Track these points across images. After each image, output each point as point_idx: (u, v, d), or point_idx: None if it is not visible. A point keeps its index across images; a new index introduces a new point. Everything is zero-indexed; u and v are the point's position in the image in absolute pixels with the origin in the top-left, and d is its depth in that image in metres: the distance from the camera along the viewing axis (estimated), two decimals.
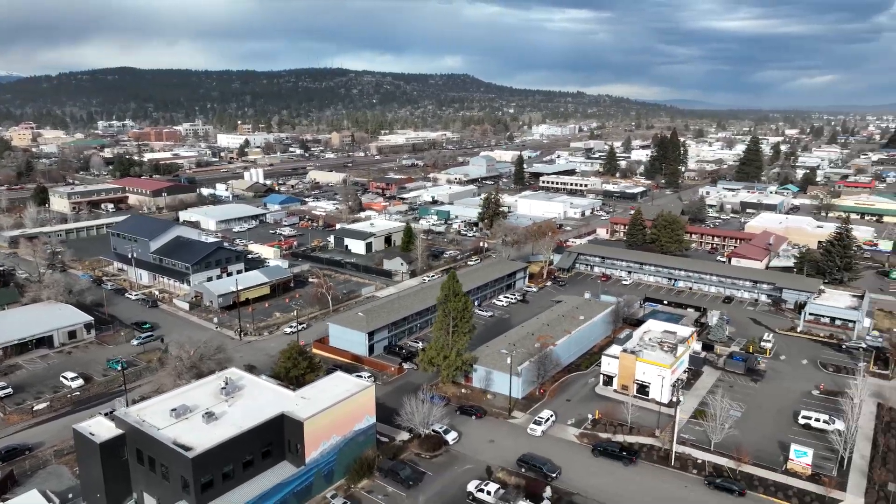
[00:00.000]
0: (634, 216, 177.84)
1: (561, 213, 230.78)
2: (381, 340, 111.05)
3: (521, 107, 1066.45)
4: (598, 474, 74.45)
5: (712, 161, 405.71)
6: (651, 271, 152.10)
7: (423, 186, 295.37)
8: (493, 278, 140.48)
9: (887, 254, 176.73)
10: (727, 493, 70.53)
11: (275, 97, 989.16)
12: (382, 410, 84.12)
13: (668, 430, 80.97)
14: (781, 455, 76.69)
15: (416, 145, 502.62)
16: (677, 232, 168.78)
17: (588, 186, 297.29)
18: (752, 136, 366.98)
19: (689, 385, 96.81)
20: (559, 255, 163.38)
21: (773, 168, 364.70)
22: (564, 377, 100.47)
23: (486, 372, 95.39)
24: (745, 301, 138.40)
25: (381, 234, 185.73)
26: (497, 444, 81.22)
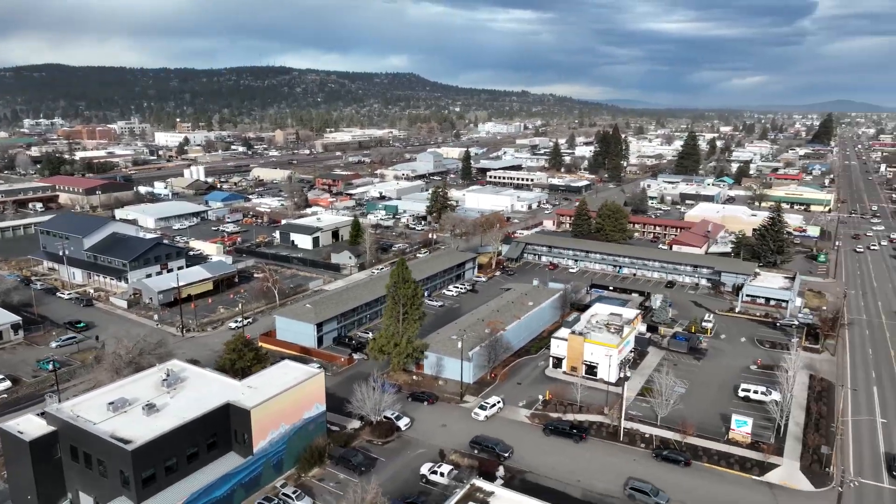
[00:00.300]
0: (580, 207, 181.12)
1: (508, 206, 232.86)
2: (330, 332, 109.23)
3: (466, 105, 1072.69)
4: (550, 452, 75.22)
5: (652, 156, 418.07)
6: (597, 259, 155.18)
7: (371, 182, 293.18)
8: (443, 269, 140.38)
9: (815, 239, 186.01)
10: (674, 463, 72.46)
11: (215, 95, 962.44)
12: (333, 400, 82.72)
13: (616, 408, 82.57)
14: (723, 426, 79.33)
15: (363, 143, 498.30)
16: (621, 221, 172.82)
17: (534, 181, 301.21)
18: (690, 132, 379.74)
19: (635, 365, 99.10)
20: (507, 245, 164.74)
21: (709, 162, 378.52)
22: (515, 361, 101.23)
23: (437, 358, 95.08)
24: (687, 285, 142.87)
25: (329, 228, 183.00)
26: (449, 428, 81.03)
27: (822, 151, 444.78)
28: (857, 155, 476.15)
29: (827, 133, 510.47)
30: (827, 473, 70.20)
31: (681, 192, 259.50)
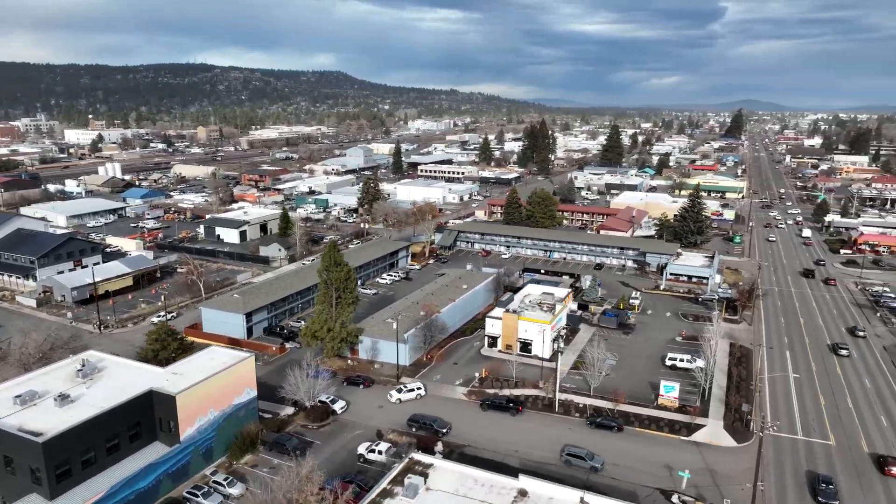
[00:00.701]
0: (510, 195, 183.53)
1: (440, 198, 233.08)
2: (259, 322, 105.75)
3: (396, 104, 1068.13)
4: (488, 426, 75.53)
5: (578, 150, 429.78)
6: (528, 245, 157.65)
7: (300, 178, 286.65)
8: (376, 257, 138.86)
9: (730, 222, 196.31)
10: (607, 430, 74.31)
11: (131, 93, 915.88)
12: (265, 389, 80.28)
13: (550, 381, 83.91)
14: (653, 393, 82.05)
15: (290, 140, 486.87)
16: (550, 208, 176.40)
17: (465, 174, 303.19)
18: (613, 125, 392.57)
19: (567, 341, 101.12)
20: (440, 234, 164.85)
21: (632, 155, 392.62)
22: (451, 343, 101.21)
23: (372, 342, 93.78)
24: (615, 267, 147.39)
25: (256, 221, 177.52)
26: (386, 409, 80.00)
27: (734, 144, 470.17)
28: (765, 147, 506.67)
29: (738, 128, 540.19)
30: (748, 430, 73.83)
31: (606, 182, 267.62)
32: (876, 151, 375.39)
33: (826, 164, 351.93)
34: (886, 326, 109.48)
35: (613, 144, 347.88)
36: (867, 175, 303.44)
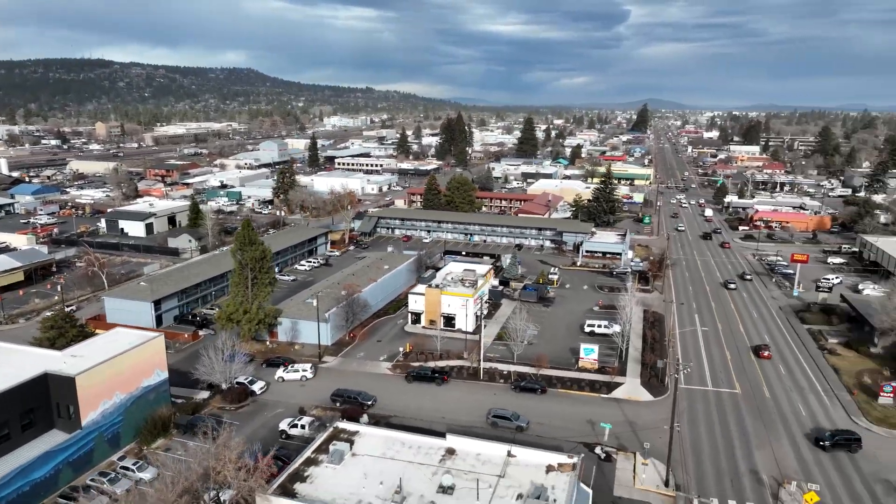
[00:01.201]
0: (429, 181, 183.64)
1: (358, 188, 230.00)
2: (170, 310, 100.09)
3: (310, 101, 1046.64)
4: (414, 397, 74.82)
5: (495, 144, 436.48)
6: (449, 229, 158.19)
7: (210, 172, 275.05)
8: (293, 243, 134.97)
9: (639, 204, 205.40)
10: (531, 392, 75.38)
11: (18, 89, 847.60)
12: (179, 375, 76.36)
13: (475, 352, 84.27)
14: (573, 358, 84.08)
15: (199, 136, 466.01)
16: (469, 193, 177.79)
17: (383, 167, 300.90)
18: (527, 118, 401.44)
19: (490, 315, 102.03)
20: (360, 221, 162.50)
21: (546, 147, 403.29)
22: (374, 322, 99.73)
23: (291, 323, 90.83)
24: (533, 247, 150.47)
25: (163, 213, 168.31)
26: (309, 387, 77.65)
27: (640, 137, 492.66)
28: (668, 140, 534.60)
29: (643, 122, 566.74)
30: (663, 385, 77.03)
31: (522, 172, 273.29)
32: (765, 142, 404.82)
33: (723, 153, 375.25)
34: (781, 290, 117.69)
35: (528, 137, 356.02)
36: (758, 162, 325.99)
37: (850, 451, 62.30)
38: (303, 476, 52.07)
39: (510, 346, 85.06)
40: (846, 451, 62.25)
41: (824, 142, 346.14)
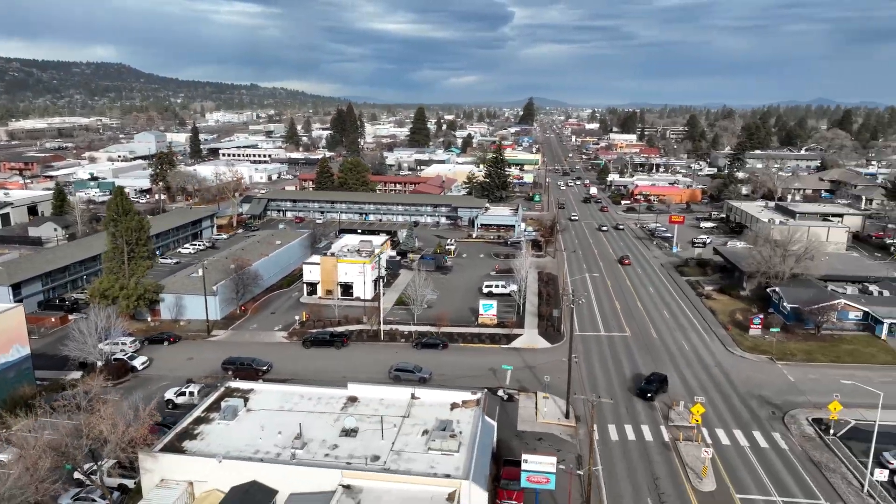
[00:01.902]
0: (321, 163, 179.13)
1: (247, 177, 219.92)
2: (33, 295, 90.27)
3: (190, 98, 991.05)
4: (312, 360, 72.14)
5: (387, 136, 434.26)
6: (343, 209, 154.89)
7: (79, 165, 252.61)
8: (176, 226, 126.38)
9: (529, 185, 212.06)
10: (433, 348, 74.96)
11: None
12: (46, 359, 69.62)
13: (374, 316, 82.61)
14: (473, 317, 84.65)
15: (64, 130, 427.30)
16: (363, 174, 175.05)
17: (272, 157, 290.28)
18: (419, 109, 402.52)
19: (389, 284, 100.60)
20: (248, 204, 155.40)
21: (438, 139, 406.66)
22: (267, 296, 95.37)
23: (175, 299, 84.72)
24: (429, 224, 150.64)
25: (22, 203, 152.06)
26: (197, 359, 72.72)
27: (528, 129, 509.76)
28: (554, 132, 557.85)
29: (530, 115, 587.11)
30: (559, 333, 79.34)
31: (416, 159, 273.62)
32: (641, 131, 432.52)
33: (604, 141, 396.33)
34: (661, 250, 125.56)
35: (420, 127, 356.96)
36: (636, 149, 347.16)
37: (663, 390, 63.37)
38: (192, 434, 48.39)
39: (410, 309, 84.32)
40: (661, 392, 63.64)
41: (692, 129, 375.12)
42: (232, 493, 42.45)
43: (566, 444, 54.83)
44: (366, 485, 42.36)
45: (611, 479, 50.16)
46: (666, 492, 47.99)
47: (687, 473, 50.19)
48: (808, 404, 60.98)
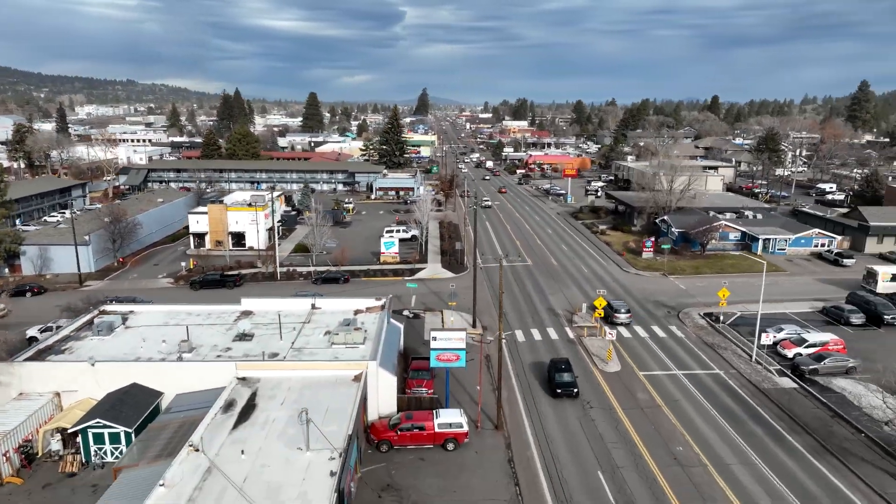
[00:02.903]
0: (207, 134, 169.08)
1: (124, 158, 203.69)
2: None
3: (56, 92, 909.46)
4: (201, 299, 66.58)
5: (279, 125, 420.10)
6: (233, 178, 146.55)
7: None
8: (40, 192, 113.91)
9: (427, 158, 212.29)
10: (334, 283, 71.90)
11: None
12: None
13: (270, 259, 78.15)
14: (375, 258, 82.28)
15: None
16: (253, 146, 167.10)
17: (152, 141, 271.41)
18: (311, 94, 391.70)
19: (285, 236, 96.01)
20: (126, 175, 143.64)
21: (332, 126, 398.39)
22: (150, 251, 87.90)
23: (40, 250, 75.85)
24: (326, 191, 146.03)
25: None
26: (69, 307, 65.07)
27: (423, 118, 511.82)
28: (449, 121, 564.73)
29: (424, 106, 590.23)
30: (462, 265, 78.75)
31: (310, 141, 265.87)
32: (532, 118, 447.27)
33: (497, 128, 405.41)
34: (556, 203, 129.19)
35: (313, 113, 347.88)
36: (528, 132, 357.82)
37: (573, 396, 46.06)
38: (59, 350, 42.76)
39: (309, 256, 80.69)
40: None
41: (579, 115, 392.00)
42: (107, 397, 37.69)
43: (474, 347, 53.92)
44: (264, 375, 39.14)
45: (518, 366, 49.82)
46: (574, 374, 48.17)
47: (592, 359, 50.81)
48: (700, 304, 64.06)
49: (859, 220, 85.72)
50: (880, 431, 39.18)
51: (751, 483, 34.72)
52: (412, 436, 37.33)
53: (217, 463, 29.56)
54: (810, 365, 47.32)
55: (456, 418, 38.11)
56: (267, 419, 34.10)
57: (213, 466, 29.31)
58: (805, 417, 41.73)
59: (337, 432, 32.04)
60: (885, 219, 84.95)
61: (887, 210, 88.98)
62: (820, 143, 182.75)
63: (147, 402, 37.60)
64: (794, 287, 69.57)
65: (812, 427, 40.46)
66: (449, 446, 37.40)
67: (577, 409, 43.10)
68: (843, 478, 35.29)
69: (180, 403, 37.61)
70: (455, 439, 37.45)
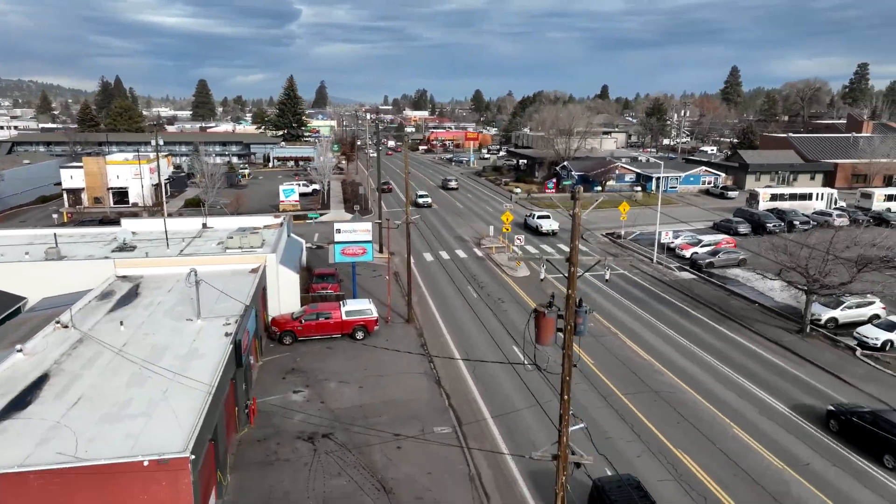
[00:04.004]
0: (83, 107, 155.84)
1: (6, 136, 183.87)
2: None
3: None
4: None
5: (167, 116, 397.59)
6: (113, 152, 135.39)
7: None
8: None
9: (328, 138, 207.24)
10: None
11: None
12: None
13: (159, 211, 72.26)
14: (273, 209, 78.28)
15: None
16: (136, 121, 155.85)
17: (18, 127, 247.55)
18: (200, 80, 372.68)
19: (174, 195, 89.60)
20: None
21: (227, 116, 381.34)
22: (15, 210, 78.88)
23: None
24: (220, 164, 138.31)
25: None
26: None
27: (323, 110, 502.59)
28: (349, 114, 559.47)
29: (323, 99, 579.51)
30: (368, 211, 76.59)
31: (201, 126, 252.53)
32: (432, 107, 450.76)
33: (399, 116, 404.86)
34: (460, 167, 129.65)
35: (204, 101, 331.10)
36: (429, 120, 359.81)
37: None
38: None
39: (201, 210, 75.24)
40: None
41: (478, 103, 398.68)
42: None
43: (382, 267, 52.12)
44: (148, 272, 35.32)
45: (428, 278, 48.64)
46: (484, 281, 47.54)
47: (502, 269, 50.40)
48: (602, 228, 65.71)
49: (739, 161, 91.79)
50: (772, 301, 41.27)
51: (660, 344, 35.28)
52: (318, 325, 34.94)
53: (91, 335, 25.91)
54: (706, 259, 49.38)
55: (365, 305, 36.16)
56: (152, 302, 30.61)
57: (85, 337, 25.65)
58: (705, 297, 43.29)
59: (232, 307, 29.18)
60: (760, 160, 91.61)
61: (762, 153, 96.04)
62: (700, 116, 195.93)
63: (4, 306, 32.74)
64: (687, 213, 73.05)
65: (712, 302, 42.00)
66: (358, 335, 35.33)
67: (490, 303, 42.35)
68: (743, 334, 36.69)
69: (46, 305, 33.07)
70: (364, 327, 35.43)
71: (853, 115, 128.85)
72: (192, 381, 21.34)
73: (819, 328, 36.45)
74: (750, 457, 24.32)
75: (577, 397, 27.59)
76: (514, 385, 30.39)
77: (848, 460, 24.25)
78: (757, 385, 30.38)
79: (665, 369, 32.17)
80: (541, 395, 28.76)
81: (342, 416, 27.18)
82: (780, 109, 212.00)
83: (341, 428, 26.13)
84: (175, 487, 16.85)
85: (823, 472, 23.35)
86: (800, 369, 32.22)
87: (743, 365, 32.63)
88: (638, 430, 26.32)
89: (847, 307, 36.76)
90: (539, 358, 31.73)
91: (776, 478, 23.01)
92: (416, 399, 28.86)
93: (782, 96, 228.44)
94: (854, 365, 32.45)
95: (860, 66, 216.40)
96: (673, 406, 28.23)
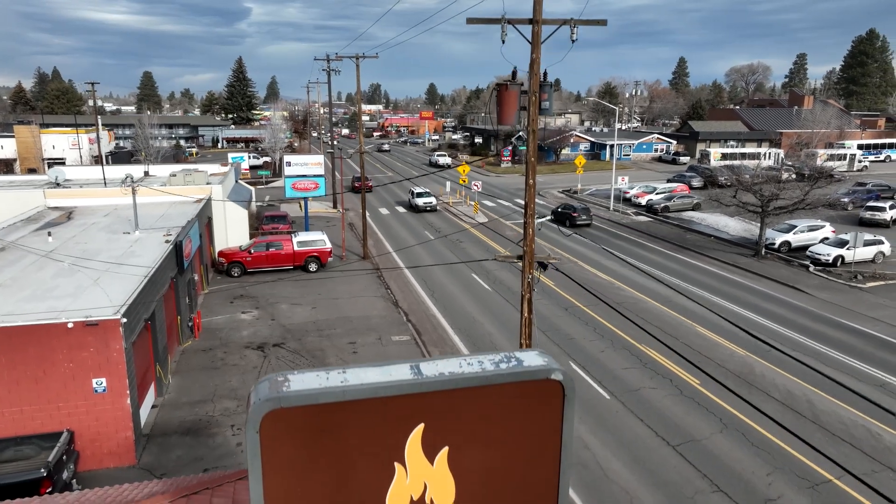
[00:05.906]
0: (16, 91, 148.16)
1: None
2: None
3: None
4: None
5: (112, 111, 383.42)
6: None
7: None
8: None
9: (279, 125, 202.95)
10: None
11: None
12: None
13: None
14: None
15: None
16: (76, 104, 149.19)
17: None
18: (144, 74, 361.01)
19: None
20: None
21: (174, 110, 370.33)
22: None
23: None
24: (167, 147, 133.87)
25: None
26: None
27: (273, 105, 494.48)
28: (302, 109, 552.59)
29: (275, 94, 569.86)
30: None
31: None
32: (387, 101, 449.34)
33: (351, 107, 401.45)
34: (415, 147, 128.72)
35: (149, 94, 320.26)
36: (384, 112, 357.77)
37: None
38: None
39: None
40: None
41: (432, 96, 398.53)
42: None
43: (333, 219, 50.73)
44: (83, 203, 33.10)
45: (384, 227, 47.48)
46: (442, 229, 46.60)
47: (461, 218, 49.57)
48: (560, 186, 65.66)
49: (690, 131, 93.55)
50: (727, 234, 41.62)
51: (619, 268, 35.00)
52: (268, 256, 33.32)
53: (16, 244, 23.81)
54: (662, 204, 49.64)
55: (318, 236, 34.73)
56: (86, 223, 28.53)
57: (8, 246, 23.55)
58: (662, 233, 43.41)
59: (174, 225, 27.40)
60: (708, 129, 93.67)
61: (709, 123, 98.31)
62: (650, 102, 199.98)
63: None
64: (642, 176, 73.66)
65: (669, 238, 42.10)
66: (311, 266, 33.87)
67: (449, 244, 41.42)
68: (701, 260, 36.81)
69: None
70: (318, 258, 33.99)
71: (795, 92, 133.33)
72: (128, 268, 19.67)
73: (773, 252, 36.85)
74: (715, 349, 24.07)
75: (538, 308, 26.92)
76: (477, 307, 29.51)
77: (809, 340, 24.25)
78: (718, 296, 30.34)
79: (626, 286, 31.89)
80: (503, 312, 28.00)
81: (294, 329, 25.81)
82: (726, 97, 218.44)
83: (293, 339, 24.77)
84: (105, 353, 15.26)
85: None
86: (758, 283, 32.39)
87: (703, 281, 32.62)
88: (600, 332, 25.83)
89: (799, 231, 37.27)
90: (501, 285, 30.62)
91: (740, 362, 22.77)
92: (372, 315, 27.70)
93: (728, 87, 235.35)
94: (807, 278, 32.81)
95: (799, 56, 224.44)
96: (636, 313, 27.85)
